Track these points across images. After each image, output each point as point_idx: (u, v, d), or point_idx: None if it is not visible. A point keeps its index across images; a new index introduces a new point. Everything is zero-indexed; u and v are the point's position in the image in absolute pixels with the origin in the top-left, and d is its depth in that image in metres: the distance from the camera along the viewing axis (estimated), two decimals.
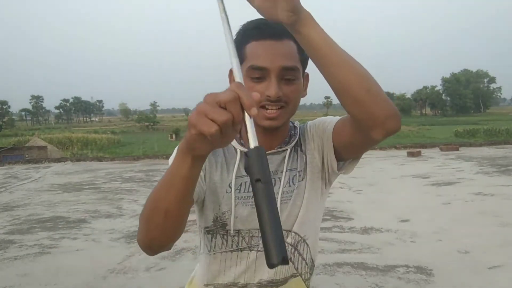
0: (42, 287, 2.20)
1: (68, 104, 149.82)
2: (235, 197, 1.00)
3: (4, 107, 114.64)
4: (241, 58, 0.98)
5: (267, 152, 1.00)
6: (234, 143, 1.04)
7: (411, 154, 8.72)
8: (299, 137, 1.08)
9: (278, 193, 1.00)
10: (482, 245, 2.66)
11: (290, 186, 1.03)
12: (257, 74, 0.94)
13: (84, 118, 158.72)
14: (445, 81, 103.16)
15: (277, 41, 0.95)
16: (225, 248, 1.03)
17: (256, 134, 0.94)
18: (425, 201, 4.24)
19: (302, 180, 1.05)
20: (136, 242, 3.08)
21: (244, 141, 1.04)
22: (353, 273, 3.06)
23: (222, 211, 1.02)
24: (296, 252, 1.04)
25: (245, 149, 1.02)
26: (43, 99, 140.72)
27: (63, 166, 8.49)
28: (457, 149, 9.38)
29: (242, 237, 1.02)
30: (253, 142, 0.60)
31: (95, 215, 3.89)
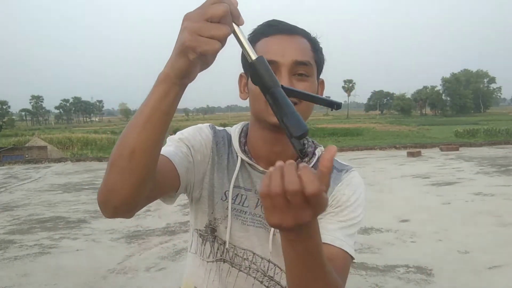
0: (42, 287, 2.20)
1: (68, 104, 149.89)
2: (226, 208, 0.94)
3: (4, 107, 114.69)
4: None
5: (266, 170, 0.94)
6: (237, 148, 0.97)
7: (411, 154, 8.72)
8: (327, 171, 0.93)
9: None
10: (482, 245, 2.66)
11: None
12: None
13: (84, 118, 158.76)
14: (445, 81, 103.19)
15: (289, 36, 0.90)
16: (212, 258, 0.98)
17: (262, 146, 0.95)
18: (425, 201, 4.24)
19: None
20: (136, 242, 3.09)
21: (248, 148, 0.98)
22: (353, 273, 3.06)
23: (215, 217, 0.97)
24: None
25: (247, 159, 0.96)
26: (43, 99, 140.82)
27: (63, 166, 8.49)
28: (457, 149, 9.37)
29: (227, 250, 0.97)
30: (252, 53, 0.59)
31: (95, 215, 3.89)
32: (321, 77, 0.97)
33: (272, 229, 0.92)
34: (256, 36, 0.92)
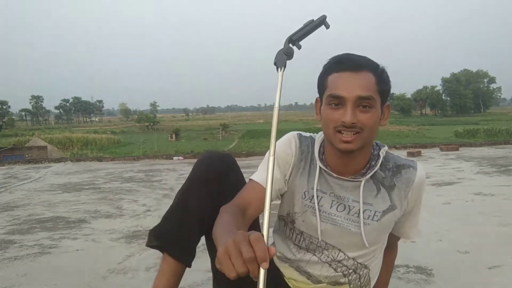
0: (42, 287, 2.20)
1: (68, 104, 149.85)
2: (305, 205, 1.16)
3: (4, 107, 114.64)
4: (324, 87, 1.09)
5: (340, 177, 1.14)
6: (317, 158, 1.16)
7: (411, 154, 8.71)
8: (390, 178, 1.18)
9: (353, 219, 1.13)
10: (482, 245, 2.66)
11: (358, 216, 1.13)
12: (335, 101, 1.04)
13: (84, 118, 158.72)
14: (445, 81, 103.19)
15: (356, 72, 1.03)
16: (290, 239, 1.21)
17: (333, 158, 1.16)
18: (425, 201, 4.23)
19: (376, 221, 1.14)
20: (136, 242, 3.08)
21: (325, 158, 1.16)
22: None
23: (294, 211, 1.17)
24: (353, 273, 1.20)
25: (324, 167, 1.15)
26: (43, 99, 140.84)
27: (63, 166, 8.49)
28: (457, 149, 9.37)
29: (303, 238, 1.18)
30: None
31: (95, 215, 3.89)
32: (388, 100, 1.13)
33: (361, 217, 1.13)
34: (328, 70, 1.08)
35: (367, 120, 1.04)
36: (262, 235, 0.76)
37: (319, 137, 1.21)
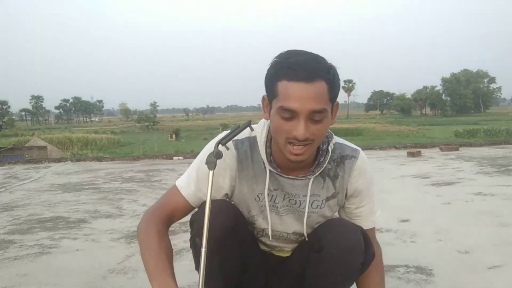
0: (42, 287, 2.20)
1: (68, 104, 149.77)
2: (261, 205, 1.21)
3: (4, 107, 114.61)
4: (273, 93, 1.03)
5: (291, 177, 1.18)
6: (265, 160, 1.16)
7: (411, 154, 8.71)
8: (335, 169, 1.21)
9: (304, 212, 1.21)
10: (482, 245, 2.66)
11: (309, 208, 1.22)
12: (287, 114, 1.00)
13: (84, 118, 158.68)
14: (445, 81, 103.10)
15: (308, 83, 0.98)
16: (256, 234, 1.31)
17: (282, 159, 1.16)
18: (425, 201, 4.23)
19: (323, 208, 1.23)
20: (136, 242, 3.07)
21: (273, 159, 1.17)
22: None
23: (252, 214, 1.23)
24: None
25: (274, 170, 1.16)
26: (43, 99, 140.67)
27: (63, 166, 8.49)
28: (457, 149, 9.36)
29: (266, 234, 1.27)
30: None
31: (95, 215, 3.88)
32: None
33: (306, 213, 1.21)
34: (278, 75, 1.01)
35: (319, 131, 1.03)
36: None
37: (261, 136, 1.16)
